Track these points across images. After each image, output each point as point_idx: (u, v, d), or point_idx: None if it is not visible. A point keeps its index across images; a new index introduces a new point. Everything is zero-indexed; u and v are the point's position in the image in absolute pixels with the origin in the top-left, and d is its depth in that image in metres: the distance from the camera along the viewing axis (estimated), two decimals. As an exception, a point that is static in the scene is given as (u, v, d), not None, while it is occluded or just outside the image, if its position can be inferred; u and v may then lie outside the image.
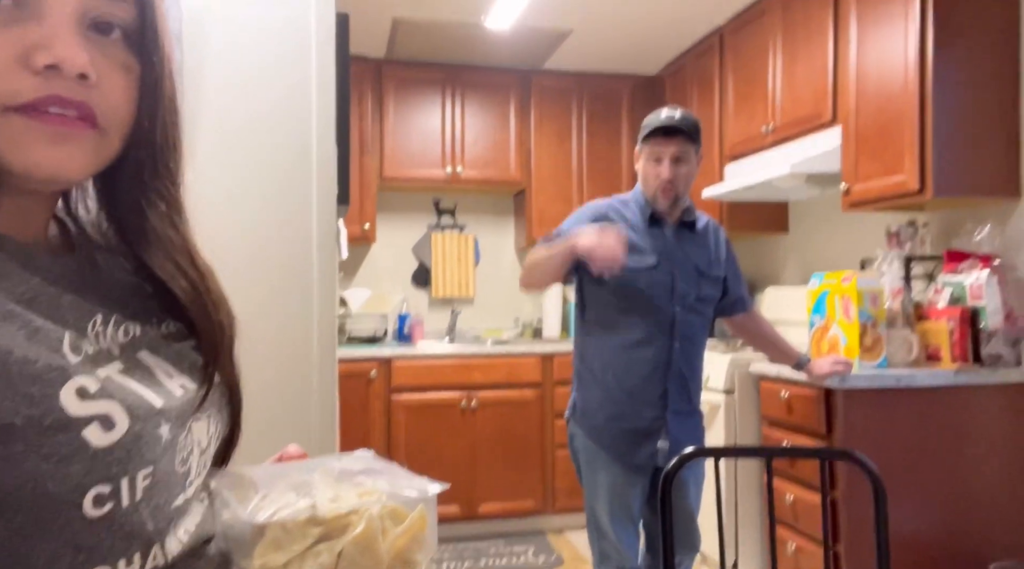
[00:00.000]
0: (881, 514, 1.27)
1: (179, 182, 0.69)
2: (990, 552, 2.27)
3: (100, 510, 0.50)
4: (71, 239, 0.64)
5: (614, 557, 2.11)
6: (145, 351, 0.60)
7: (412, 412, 3.56)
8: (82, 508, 0.49)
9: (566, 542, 3.61)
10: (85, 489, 0.49)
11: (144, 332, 0.61)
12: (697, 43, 3.71)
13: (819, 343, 2.41)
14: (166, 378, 0.59)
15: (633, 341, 2.06)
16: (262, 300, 1.77)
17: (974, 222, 2.42)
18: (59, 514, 0.49)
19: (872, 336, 2.28)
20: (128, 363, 0.57)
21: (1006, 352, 2.27)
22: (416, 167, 3.95)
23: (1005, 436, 2.28)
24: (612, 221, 2.08)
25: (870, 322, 2.28)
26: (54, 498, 0.48)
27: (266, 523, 0.54)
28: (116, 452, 0.51)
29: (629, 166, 4.20)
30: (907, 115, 2.32)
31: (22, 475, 0.47)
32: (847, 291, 2.30)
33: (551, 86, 4.13)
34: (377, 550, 0.55)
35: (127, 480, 0.51)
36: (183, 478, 0.57)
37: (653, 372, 2.06)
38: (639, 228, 2.09)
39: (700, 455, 1.36)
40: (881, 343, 2.28)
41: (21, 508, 0.47)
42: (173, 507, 0.56)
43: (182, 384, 0.60)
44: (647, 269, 2.04)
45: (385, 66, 3.93)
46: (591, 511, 2.15)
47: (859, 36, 2.54)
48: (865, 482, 1.30)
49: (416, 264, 4.27)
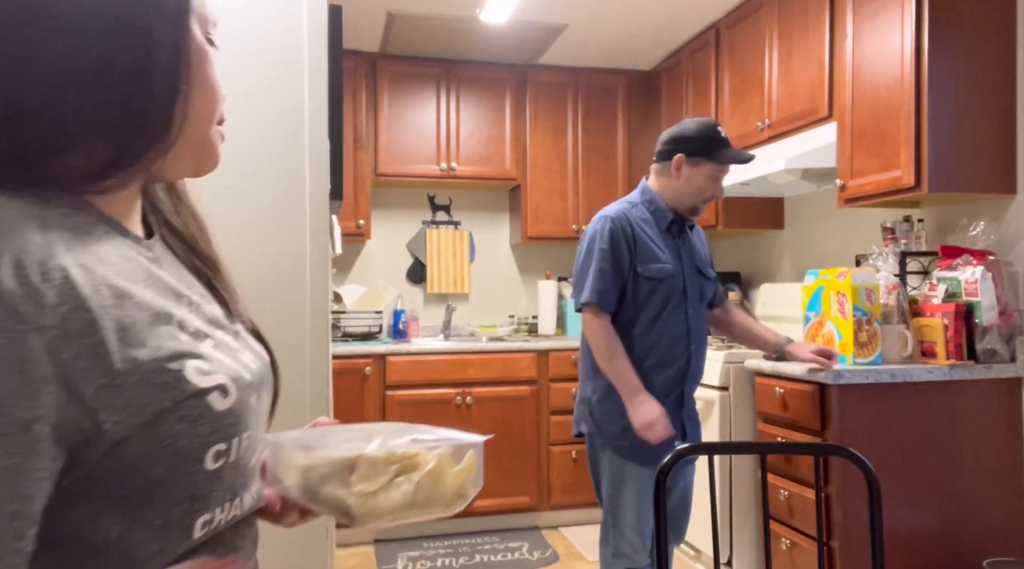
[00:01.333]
0: (875, 510, 1.27)
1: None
2: (984, 547, 2.27)
3: (216, 464, 0.59)
4: (149, 226, 0.71)
5: (629, 556, 2.12)
6: (218, 329, 0.66)
7: (407, 408, 3.55)
8: (203, 462, 0.58)
9: (561, 538, 3.61)
10: (209, 446, 0.58)
11: (212, 311, 0.68)
12: (693, 38, 3.70)
13: (814, 339, 2.41)
14: (238, 353, 0.66)
15: (660, 348, 2.09)
16: (254, 296, 1.75)
17: (969, 218, 2.42)
18: (187, 467, 0.57)
19: (867, 332, 2.27)
20: (215, 340, 0.64)
21: (1000, 348, 2.27)
22: (411, 162, 3.94)
23: (999, 432, 2.29)
24: (638, 236, 2.08)
25: (865, 318, 2.27)
26: (184, 453, 0.57)
27: (357, 458, 0.66)
28: (230, 416, 0.60)
29: (625, 161, 4.19)
30: (903, 111, 2.32)
31: (162, 434, 0.55)
32: (842, 287, 2.30)
33: (547, 81, 4.11)
34: (445, 482, 0.69)
35: (236, 440, 0.61)
36: (259, 443, 0.67)
37: (675, 375, 2.11)
38: (657, 234, 2.12)
39: (695, 452, 1.36)
40: (876, 339, 2.28)
41: (159, 462, 0.55)
42: (251, 466, 0.65)
43: (249, 358, 0.68)
44: (668, 276, 2.09)
45: (379, 60, 3.91)
46: (614, 513, 2.13)
47: (855, 31, 2.53)
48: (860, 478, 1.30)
49: (411, 260, 4.26)
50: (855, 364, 2.26)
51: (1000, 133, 2.31)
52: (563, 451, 3.73)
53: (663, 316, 2.08)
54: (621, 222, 2.08)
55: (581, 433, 2.21)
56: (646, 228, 2.10)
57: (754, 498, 2.71)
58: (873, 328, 2.28)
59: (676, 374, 2.11)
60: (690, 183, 2.10)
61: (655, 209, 2.13)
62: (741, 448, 2.12)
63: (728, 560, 2.71)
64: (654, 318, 2.08)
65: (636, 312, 2.08)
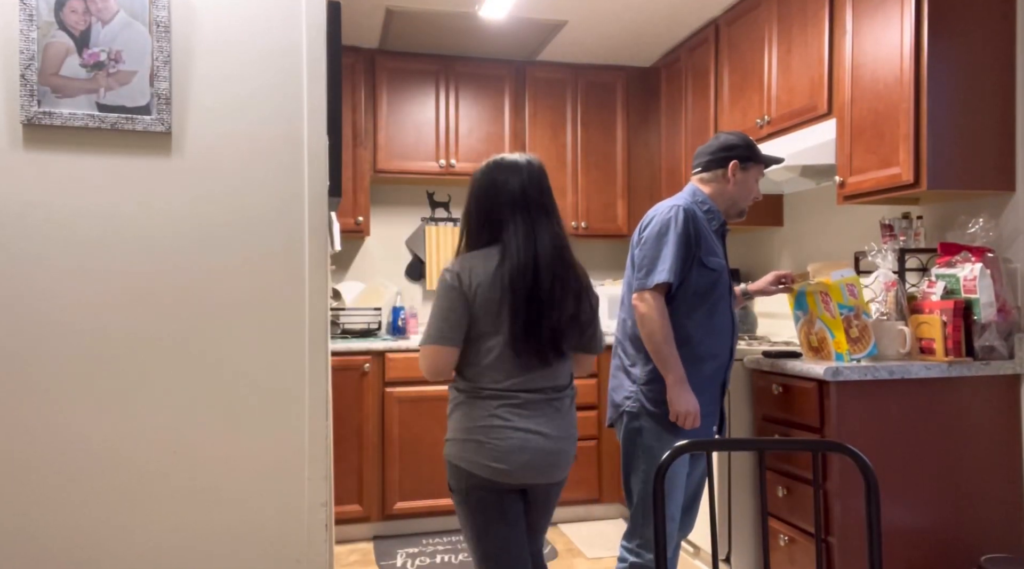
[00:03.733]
0: (873, 506, 1.27)
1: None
2: (982, 543, 2.28)
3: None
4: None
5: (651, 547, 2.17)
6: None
7: (406, 405, 3.55)
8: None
9: (559, 534, 3.61)
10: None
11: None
12: (692, 35, 3.70)
13: (808, 337, 2.41)
14: None
15: (712, 338, 2.18)
16: (253, 292, 1.76)
17: (968, 215, 2.42)
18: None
19: (858, 326, 2.27)
20: None
21: (999, 345, 2.27)
22: (410, 159, 3.94)
23: (998, 429, 2.29)
24: (701, 229, 2.17)
25: (852, 313, 2.27)
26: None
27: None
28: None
29: (624, 158, 4.19)
30: (902, 108, 2.32)
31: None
32: (822, 287, 2.30)
33: (546, 78, 4.11)
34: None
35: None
36: None
37: (720, 366, 2.22)
38: (710, 233, 2.21)
39: (693, 448, 1.36)
40: (868, 331, 2.28)
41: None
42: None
43: None
44: (722, 270, 2.20)
45: (378, 56, 3.90)
46: (646, 500, 2.17)
47: (854, 28, 2.53)
48: (857, 474, 1.30)
49: (410, 257, 4.26)
50: (851, 360, 2.26)
51: (999, 130, 2.31)
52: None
53: (718, 308, 2.18)
54: (691, 213, 2.16)
55: (627, 411, 2.19)
56: (704, 224, 2.20)
57: (752, 494, 2.71)
58: (863, 321, 2.28)
59: (721, 364, 2.21)
60: (742, 187, 2.25)
61: (707, 209, 2.24)
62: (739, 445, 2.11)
63: (727, 556, 2.72)
64: (711, 309, 2.17)
65: (696, 301, 2.15)
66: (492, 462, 1.75)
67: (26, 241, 1.65)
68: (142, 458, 1.70)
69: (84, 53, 1.65)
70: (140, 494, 1.70)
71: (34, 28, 1.63)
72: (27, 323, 1.65)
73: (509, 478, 1.77)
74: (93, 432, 1.68)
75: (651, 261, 2.13)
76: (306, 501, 1.78)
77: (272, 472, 1.76)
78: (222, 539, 1.74)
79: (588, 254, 4.48)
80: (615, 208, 4.20)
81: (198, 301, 1.73)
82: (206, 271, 1.73)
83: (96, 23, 1.66)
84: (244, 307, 1.75)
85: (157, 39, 1.68)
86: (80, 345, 1.67)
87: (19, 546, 1.65)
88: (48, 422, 1.66)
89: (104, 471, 1.69)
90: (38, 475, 1.66)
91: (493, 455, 1.75)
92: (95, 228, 1.68)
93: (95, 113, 1.66)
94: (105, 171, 1.69)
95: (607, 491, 3.81)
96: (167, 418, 1.71)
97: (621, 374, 2.25)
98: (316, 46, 1.78)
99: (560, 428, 1.82)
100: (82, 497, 1.68)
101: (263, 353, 1.76)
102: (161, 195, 1.72)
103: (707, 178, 2.27)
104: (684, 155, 3.76)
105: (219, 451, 1.74)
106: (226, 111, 1.74)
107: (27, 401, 1.65)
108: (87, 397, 1.68)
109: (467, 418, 1.80)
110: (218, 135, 1.74)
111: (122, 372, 1.69)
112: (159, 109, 1.69)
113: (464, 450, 1.78)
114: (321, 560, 1.79)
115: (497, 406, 1.78)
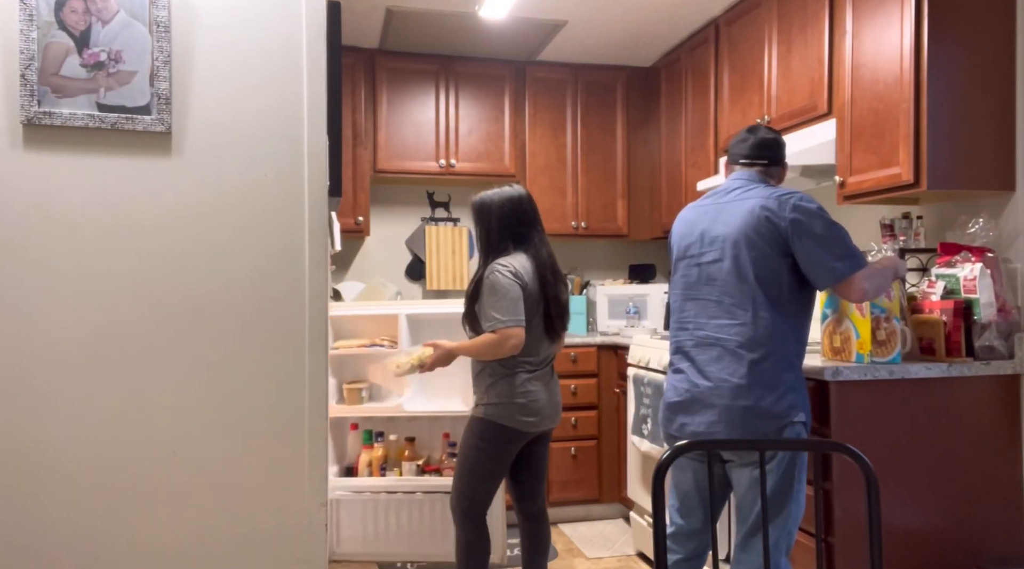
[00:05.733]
0: (874, 506, 1.27)
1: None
2: (982, 544, 2.28)
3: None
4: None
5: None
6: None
7: (406, 405, 3.55)
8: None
9: (560, 534, 3.61)
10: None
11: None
12: (692, 35, 3.70)
13: (831, 336, 2.36)
14: None
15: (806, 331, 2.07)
16: (253, 291, 1.76)
17: (968, 215, 2.42)
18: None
19: (886, 330, 2.22)
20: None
21: (999, 344, 2.27)
22: (410, 159, 3.94)
23: (998, 429, 2.29)
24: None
25: (884, 315, 2.23)
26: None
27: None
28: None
29: (624, 158, 4.19)
30: (902, 107, 2.32)
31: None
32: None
33: (546, 77, 4.11)
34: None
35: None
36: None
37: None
38: None
39: (694, 447, 1.36)
40: (895, 337, 2.21)
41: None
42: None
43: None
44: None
45: (378, 56, 3.90)
46: (783, 512, 1.97)
47: (855, 28, 2.53)
48: (858, 474, 1.30)
49: (410, 257, 4.26)
50: (872, 362, 2.22)
51: (999, 130, 2.31)
52: (562, 448, 3.73)
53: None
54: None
55: (799, 422, 1.96)
56: None
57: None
58: (892, 326, 2.22)
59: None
60: (785, 185, 2.21)
61: None
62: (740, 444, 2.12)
63: (727, 557, 2.72)
64: (808, 304, 2.05)
65: (811, 295, 2.03)
66: (529, 417, 2.38)
67: (26, 241, 1.65)
68: (142, 458, 1.70)
69: (84, 53, 1.65)
70: (140, 494, 1.70)
71: (34, 28, 1.63)
72: (27, 323, 1.65)
73: (536, 427, 2.41)
74: (93, 432, 1.68)
75: (843, 245, 1.94)
76: (306, 501, 1.78)
77: (272, 472, 1.76)
78: (222, 539, 1.74)
79: (588, 254, 4.48)
80: (615, 208, 4.20)
81: (198, 301, 1.73)
82: (206, 271, 1.73)
83: (96, 23, 1.66)
84: (244, 307, 1.75)
85: (157, 39, 1.68)
86: (80, 345, 1.67)
87: (19, 546, 1.65)
88: (48, 422, 1.66)
89: (104, 471, 1.69)
90: (38, 475, 1.66)
91: (529, 411, 2.38)
92: (95, 228, 1.68)
93: (95, 113, 1.66)
94: (105, 171, 1.69)
95: (607, 491, 3.81)
96: (167, 418, 1.71)
97: (770, 377, 1.94)
98: (316, 46, 1.78)
99: (554, 386, 2.50)
100: (82, 497, 1.68)
101: (263, 353, 1.76)
102: (161, 195, 1.72)
103: (772, 173, 2.15)
104: (684, 155, 3.76)
105: (219, 451, 1.74)
106: (226, 111, 1.74)
107: (27, 401, 1.65)
108: (87, 397, 1.68)
109: (510, 387, 2.37)
110: (218, 135, 1.74)
111: (122, 372, 1.69)
112: (159, 109, 1.69)
113: (510, 411, 2.37)
114: (321, 560, 1.79)
115: (529, 376, 2.40)
